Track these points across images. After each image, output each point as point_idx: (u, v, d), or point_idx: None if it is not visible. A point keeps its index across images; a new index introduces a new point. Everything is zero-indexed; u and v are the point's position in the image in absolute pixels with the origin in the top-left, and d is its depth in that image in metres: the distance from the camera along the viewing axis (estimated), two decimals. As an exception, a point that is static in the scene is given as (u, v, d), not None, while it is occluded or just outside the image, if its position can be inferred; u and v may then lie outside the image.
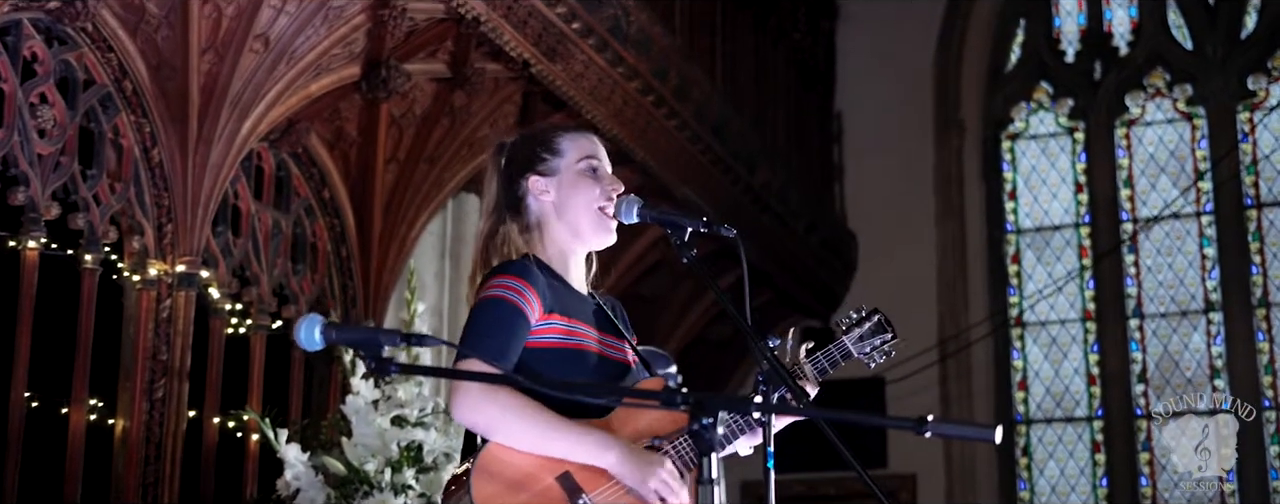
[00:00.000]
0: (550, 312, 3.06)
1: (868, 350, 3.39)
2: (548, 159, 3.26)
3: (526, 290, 3.03)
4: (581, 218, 3.22)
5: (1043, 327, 11.67)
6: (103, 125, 5.77)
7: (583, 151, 3.28)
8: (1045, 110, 12.12)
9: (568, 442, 2.92)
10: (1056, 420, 11.48)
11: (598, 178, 3.26)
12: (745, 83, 9.70)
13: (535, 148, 3.29)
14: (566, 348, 3.07)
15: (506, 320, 2.99)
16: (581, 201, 3.23)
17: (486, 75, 7.04)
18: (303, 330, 2.56)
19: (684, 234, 3.33)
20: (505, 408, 2.89)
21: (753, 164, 9.48)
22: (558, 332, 3.06)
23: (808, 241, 10.68)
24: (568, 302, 3.13)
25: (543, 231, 3.24)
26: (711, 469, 2.45)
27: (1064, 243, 11.78)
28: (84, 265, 5.68)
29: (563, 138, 3.31)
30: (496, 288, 3.03)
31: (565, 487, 2.94)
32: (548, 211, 3.23)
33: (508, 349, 2.98)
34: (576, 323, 3.10)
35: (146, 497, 5.69)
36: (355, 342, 2.59)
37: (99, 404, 5.74)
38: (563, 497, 2.93)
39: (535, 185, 3.24)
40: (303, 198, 6.98)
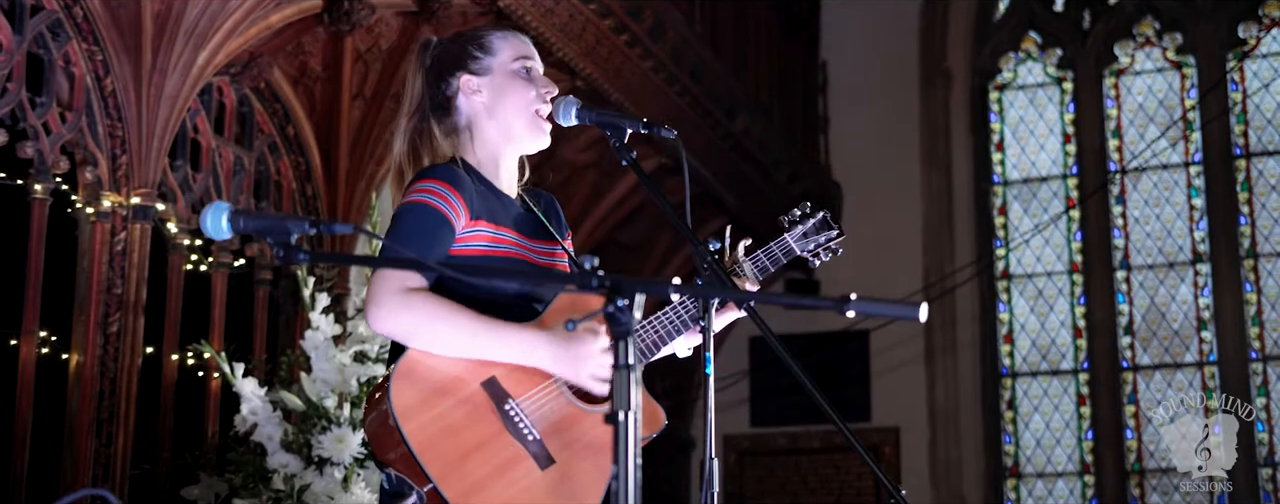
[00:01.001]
0: (476, 218, 2.93)
1: (812, 247, 3.28)
2: (480, 57, 3.14)
3: (452, 196, 2.90)
4: (515, 119, 3.10)
5: (1029, 279, 11.56)
6: (52, 53, 5.63)
7: (516, 52, 3.16)
8: (1033, 60, 11.98)
9: (490, 342, 2.80)
10: (1042, 373, 11.38)
11: (532, 79, 3.14)
12: (726, 28, 9.55)
13: (466, 45, 3.16)
14: (491, 256, 2.95)
15: (429, 226, 2.87)
16: (515, 102, 3.11)
17: (454, 9, 6.89)
18: (209, 217, 2.44)
19: (623, 135, 3.22)
20: (422, 311, 2.77)
21: (732, 110, 9.35)
22: (483, 239, 2.94)
23: (790, 191, 10.54)
24: (495, 208, 3.00)
25: (473, 133, 3.11)
26: (626, 355, 2.32)
27: (1051, 194, 11.65)
28: (34, 195, 5.54)
29: (494, 37, 3.19)
30: (421, 193, 2.90)
31: (491, 392, 2.82)
32: (479, 111, 3.11)
33: (429, 254, 2.85)
34: (503, 229, 2.98)
35: (101, 432, 5.57)
36: (262, 228, 2.47)
37: (52, 338, 5.62)
38: (488, 403, 2.81)
39: (467, 84, 3.11)
40: (267, 134, 6.84)
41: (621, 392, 2.35)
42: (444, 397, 2.78)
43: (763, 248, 3.33)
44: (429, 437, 2.73)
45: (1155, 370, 11.15)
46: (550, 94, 3.14)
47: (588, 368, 2.80)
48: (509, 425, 2.81)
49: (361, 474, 5.52)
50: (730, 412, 11.06)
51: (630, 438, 2.33)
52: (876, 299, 2.28)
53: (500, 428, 2.80)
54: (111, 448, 5.56)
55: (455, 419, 2.78)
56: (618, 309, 2.34)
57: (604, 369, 2.79)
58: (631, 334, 2.36)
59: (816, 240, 3.36)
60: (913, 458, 10.96)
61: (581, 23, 7.40)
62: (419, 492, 2.72)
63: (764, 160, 9.96)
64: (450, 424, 2.77)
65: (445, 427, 2.76)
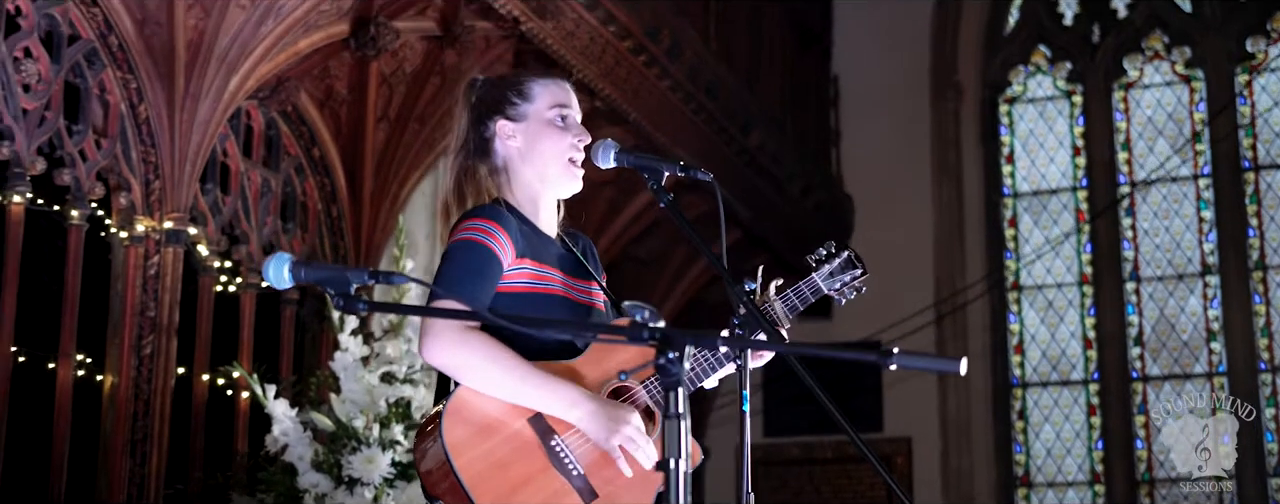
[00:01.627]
0: (521, 256, 3.05)
1: (838, 286, 3.37)
2: (518, 104, 3.24)
3: (500, 233, 3.02)
4: (549, 165, 3.20)
5: (1039, 290, 11.66)
6: (88, 81, 5.75)
7: (554, 99, 3.25)
8: (1043, 73, 12.07)
9: (536, 392, 2.92)
10: (1052, 384, 11.48)
11: (567, 126, 3.24)
12: (739, 44, 9.66)
13: (506, 91, 3.26)
14: (535, 293, 3.06)
15: (480, 264, 2.98)
16: (549, 149, 3.20)
17: (477, 33, 7.00)
18: (271, 268, 2.54)
19: (660, 178, 3.31)
20: (475, 352, 2.88)
21: (747, 126, 9.45)
22: (527, 276, 3.05)
23: (803, 205, 10.65)
24: (537, 246, 3.11)
25: (510, 175, 3.22)
26: (677, 404, 2.43)
27: (1061, 206, 11.75)
28: (70, 221, 5.67)
29: (535, 84, 3.28)
30: (470, 231, 3.02)
31: (537, 429, 2.93)
32: (514, 156, 3.21)
33: (480, 292, 2.96)
34: (545, 267, 3.09)
35: (135, 453, 5.69)
36: (323, 279, 2.58)
37: (87, 360, 5.74)
38: (535, 439, 2.92)
39: (502, 129, 3.21)
40: (293, 156, 6.96)
41: (673, 440, 2.46)
42: (493, 433, 2.89)
43: (792, 287, 3.42)
44: (479, 472, 2.84)
45: (1165, 381, 11.24)
46: (583, 142, 3.24)
47: (618, 437, 2.91)
48: (554, 461, 2.91)
49: (391, 494, 5.63)
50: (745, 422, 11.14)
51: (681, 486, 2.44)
52: (918, 353, 2.38)
53: (546, 463, 2.91)
54: (145, 468, 5.68)
55: (504, 455, 2.89)
56: (668, 361, 2.45)
57: (632, 442, 2.91)
58: (682, 385, 2.48)
59: (842, 279, 3.43)
60: (925, 468, 11.06)
61: (601, 45, 7.51)
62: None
63: (778, 174, 10.07)
64: (499, 460, 2.88)
65: (494, 462, 2.87)
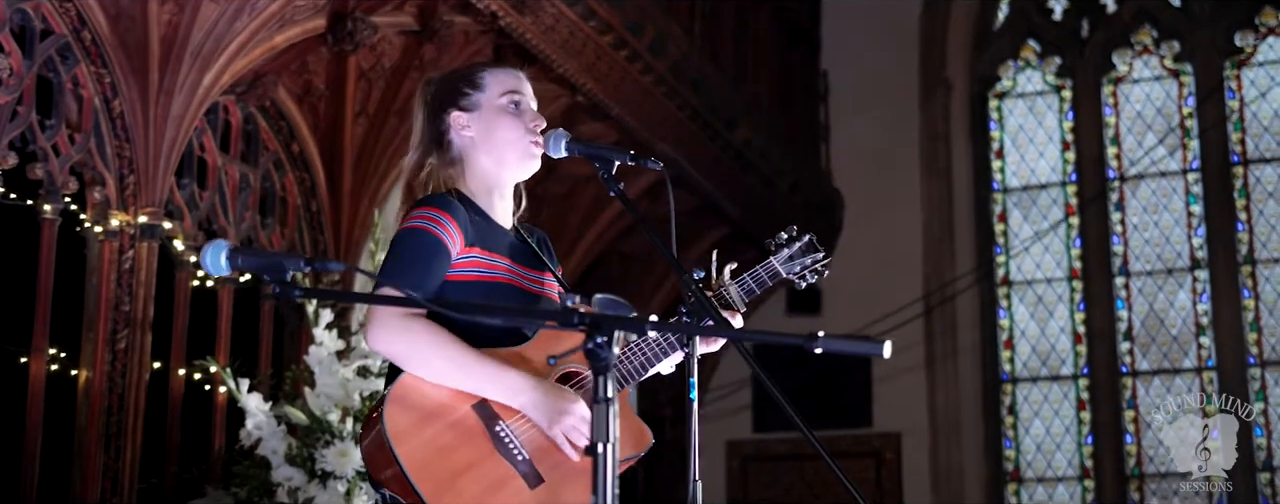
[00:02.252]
0: (471, 245, 3.07)
1: (798, 270, 3.38)
2: (470, 94, 3.27)
3: (447, 222, 3.04)
4: (505, 150, 3.23)
5: (1029, 285, 11.65)
6: (62, 76, 5.76)
7: (505, 86, 3.29)
8: (1032, 68, 12.06)
9: (481, 378, 2.93)
10: (1042, 379, 11.47)
11: (520, 112, 3.26)
12: (726, 39, 9.66)
13: (457, 83, 3.30)
14: (483, 281, 3.08)
15: (425, 251, 3.00)
16: (504, 135, 3.23)
17: (455, 28, 7.02)
18: (208, 255, 2.57)
19: (611, 167, 3.34)
20: (419, 339, 2.90)
21: (733, 122, 9.45)
22: (476, 265, 3.08)
23: (792, 201, 10.65)
24: (488, 235, 3.14)
25: (466, 166, 3.25)
26: (605, 389, 2.44)
27: (1050, 201, 11.74)
28: (43, 215, 5.68)
29: (485, 73, 3.32)
30: (417, 219, 3.05)
31: (482, 415, 2.94)
32: (469, 146, 3.24)
33: (426, 279, 2.99)
34: (494, 255, 3.11)
35: (109, 447, 5.70)
36: (259, 266, 2.59)
37: (62, 354, 5.75)
38: (479, 425, 2.93)
39: (456, 121, 3.25)
40: (272, 152, 6.97)
41: (601, 425, 2.47)
42: (436, 419, 2.91)
43: (749, 272, 3.45)
44: (421, 458, 2.85)
45: (1154, 376, 11.23)
46: (539, 126, 3.27)
47: (564, 423, 2.93)
48: (499, 446, 2.93)
49: (364, 487, 5.64)
50: (733, 417, 11.17)
51: (609, 470, 2.45)
52: (843, 337, 2.40)
53: (491, 449, 2.92)
54: (120, 462, 5.69)
55: (447, 441, 2.90)
56: (597, 346, 2.46)
57: (576, 430, 2.92)
58: (610, 370, 2.48)
59: (803, 262, 3.46)
60: (914, 463, 11.05)
61: (581, 39, 7.52)
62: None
63: (766, 170, 10.07)
64: (442, 446, 2.89)
65: (437, 448, 2.88)
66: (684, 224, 10.41)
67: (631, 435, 3.12)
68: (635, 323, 2.52)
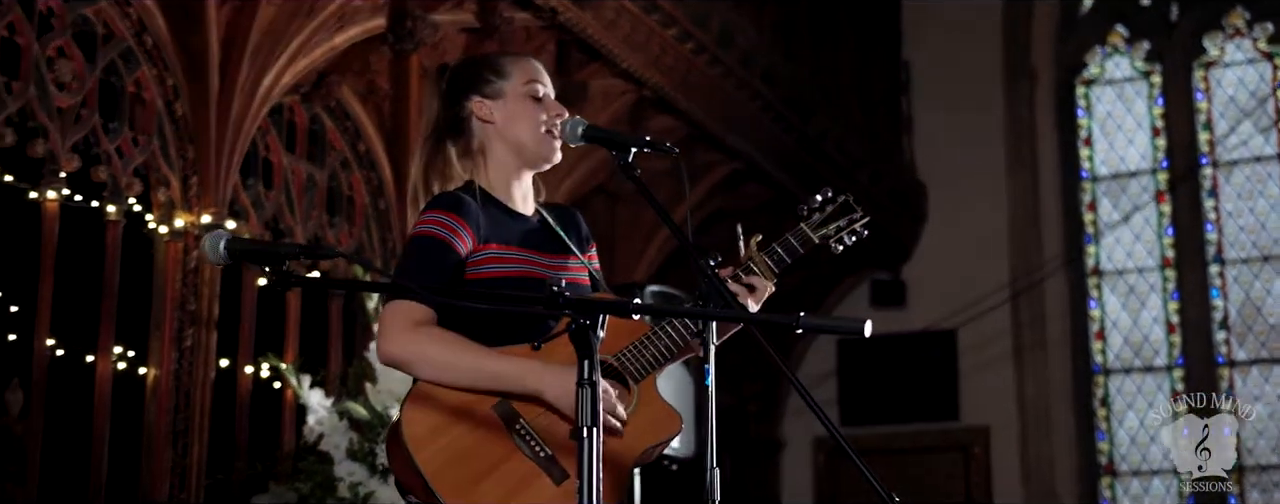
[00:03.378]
0: (486, 242, 3.03)
1: (834, 233, 3.20)
2: (493, 81, 3.24)
3: (456, 223, 3.00)
4: (526, 139, 3.20)
5: (1120, 275, 11.43)
6: (124, 79, 5.87)
7: (527, 75, 3.25)
8: (1120, 54, 11.83)
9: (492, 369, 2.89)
10: (1135, 370, 11.25)
11: (542, 102, 3.24)
12: (801, 30, 9.57)
13: (480, 70, 3.27)
14: (503, 276, 3.04)
15: (434, 256, 2.97)
16: (526, 124, 3.20)
17: (516, 24, 7.03)
18: (208, 245, 2.60)
19: (627, 154, 3.28)
20: (425, 343, 2.86)
21: (808, 112, 9.37)
22: (493, 261, 3.03)
23: (872, 193, 10.53)
24: (505, 228, 3.10)
25: (486, 155, 3.21)
26: (591, 372, 2.42)
27: (1140, 188, 11.51)
28: (108, 217, 5.79)
29: (507, 61, 3.30)
30: (426, 223, 3.02)
31: (501, 413, 2.90)
32: (491, 134, 3.21)
33: (439, 283, 2.96)
34: (510, 248, 3.07)
35: (176, 444, 5.80)
36: (257, 254, 2.62)
37: (130, 353, 5.85)
38: (499, 425, 2.89)
39: (479, 107, 3.21)
40: (338, 151, 7.04)
41: (587, 408, 2.45)
42: (456, 423, 2.86)
43: (778, 240, 3.29)
44: (441, 465, 2.81)
45: (1252, 366, 10.96)
46: (559, 117, 3.23)
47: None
48: (521, 444, 2.88)
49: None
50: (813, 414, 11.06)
51: (595, 453, 2.43)
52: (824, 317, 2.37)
53: (512, 447, 2.87)
54: (187, 459, 5.79)
55: (466, 445, 2.86)
56: (580, 328, 2.45)
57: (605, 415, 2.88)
58: (594, 353, 2.46)
59: (838, 224, 3.21)
60: (1004, 457, 10.88)
61: (645, 33, 7.50)
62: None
63: (844, 162, 9.97)
64: (461, 450, 2.85)
65: (456, 453, 2.84)
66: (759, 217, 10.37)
67: (659, 419, 3.06)
68: (618, 305, 2.49)
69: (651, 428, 3.04)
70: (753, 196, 9.45)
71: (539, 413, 2.92)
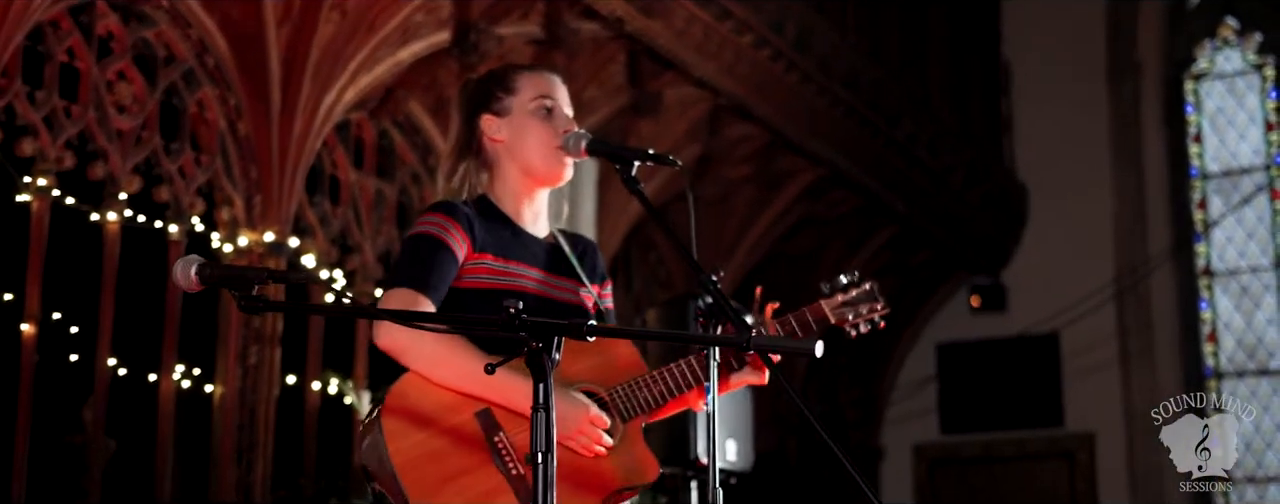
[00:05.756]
0: (482, 251, 3.00)
1: (851, 318, 3.11)
2: (501, 98, 3.20)
3: (451, 225, 2.98)
4: (532, 157, 3.15)
5: (1232, 275, 11.07)
6: (186, 100, 5.93)
7: (537, 91, 3.19)
8: (1231, 47, 11.47)
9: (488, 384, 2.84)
10: (1249, 373, 10.88)
11: (551, 118, 3.18)
12: (887, 33, 9.41)
13: (491, 87, 3.23)
14: (498, 288, 3.00)
15: (428, 253, 2.96)
16: (532, 141, 3.15)
17: (583, 35, 6.98)
18: (179, 270, 2.59)
19: (631, 167, 3.21)
20: (427, 339, 2.83)
21: (895, 116, 9.20)
22: (487, 271, 3.00)
23: (966, 196, 10.32)
24: (507, 243, 3.06)
25: (495, 171, 3.18)
26: (545, 397, 2.36)
27: (1253, 186, 11.13)
28: (170, 237, 5.85)
29: (520, 76, 3.24)
30: (420, 225, 3.01)
31: (483, 423, 2.86)
32: (500, 152, 3.17)
33: (431, 278, 2.93)
34: (511, 262, 3.03)
35: (241, 461, 5.84)
36: (226, 280, 2.60)
37: (195, 371, 5.91)
38: (478, 433, 2.85)
39: (488, 125, 3.18)
40: (408, 165, 7.06)
41: (540, 433, 2.39)
42: (434, 422, 2.83)
43: (793, 312, 3.20)
44: (412, 459, 2.78)
45: (1373, 367, 10.56)
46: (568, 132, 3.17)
47: (572, 430, 2.83)
48: (495, 457, 2.84)
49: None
50: (919, 419, 10.90)
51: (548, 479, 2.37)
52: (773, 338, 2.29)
53: (486, 459, 2.84)
54: (251, 475, 5.83)
55: (441, 446, 2.83)
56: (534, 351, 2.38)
57: (586, 438, 2.83)
58: (549, 377, 2.40)
59: (858, 310, 3.12)
60: (1110, 464, 10.59)
61: (717, 41, 7.41)
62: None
63: (935, 166, 9.78)
64: (436, 449, 2.82)
65: (430, 451, 2.81)
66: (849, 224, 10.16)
67: (634, 465, 2.98)
68: (574, 328, 2.42)
69: (627, 470, 2.95)
70: (840, 203, 9.30)
71: (520, 429, 2.86)
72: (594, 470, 2.90)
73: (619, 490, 2.88)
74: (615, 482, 2.87)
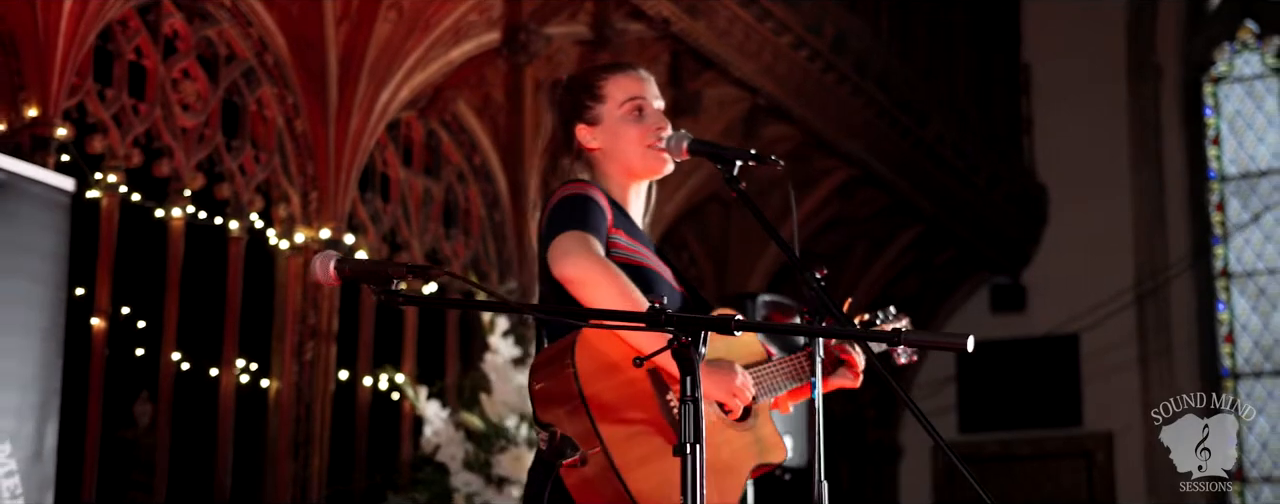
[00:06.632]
0: (617, 227, 3.09)
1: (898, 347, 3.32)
2: (591, 106, 3.27)
3: (595, 193, 3.07)
4: (631, 158, 3.23)
5: (1249, 277, 11.17)
6: (246, 98, 6.00)
7: (627, 93, 3.26)
8: (1250, 50, 11.57)
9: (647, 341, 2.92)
10: (1266, 374, 10.98)
11: (643, 117, 3.25)
12: (917, 35, 9.50)
13: (579, 95, 3.29)
14: (634, 265, 3.08)
15: (582, 206, 3.02)
16: (629, 145, 3.23)
17: (630, 35, 7.06)
18: (317, 264, 2.65)
19: (733, 167, 3.29)
20: (615, 277, 2.89)
21: (924, 117, 9.29)
22: (623, 248, 3.09)
23: (990, 196, 10.41)
24: (631, 228, 3.16)
25: (597, 171, 3.26)
26: (691, 388, 2.43)
27: (1272, 188, 11.23)
28: (231, 233, 5.91)
29: (607, 82, 3.30)
30: (567, 190, 3.08)
31: (654, 381, 2.94)
32: (598, 157, 3.25)
33: (596, 226, 2.99)
34: (639, 244, 3.13)
35: (298, 455, 5.91)
36: (365, 274, 2.66)
37: (252, 367, 5.97)
38: (651, 392, 2.93)
39: (583, 135, 3.25)
40: (454, 164, 7.13)
41: (689, 424, 2.46)
42: (619, 372, 2.90)
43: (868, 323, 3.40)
44: (606, 402, 2.84)
45: (1388, 369, 10.67)
46: (664, 130, 3.25)
47: (719, 389, 2.92)
48: (666, 414, 2.92)
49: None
50: (937, 418, 10.97)
51: (698, 469, 2.44)
52: (926, 333, 2.37)
53: (659, 414, 2.91)
54: (308, 470, 5.90)
55: (629, 393, 2.89)
56: (682, 345, 2.45)
57: (730, 396, 2.93)
58: (696, 371, 2.47)
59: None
60: (1128, 464, 10.68)
61: (758, 42, 7.49)
62: (585, 453, 2.80)
63: (961, 166, 9.87)
64: (625, 396, 2.88)
65: (621, 397, 2.87)
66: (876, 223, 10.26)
67: (765, 445, 3.10)
68: (720, 323, 2.49)
69: (759, 448, 3.07)
70: (868, 202, 9.40)
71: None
72: (734, 450, 2.99)
73: (756, 467, 2.97)
74: (753, 458, 2.97)
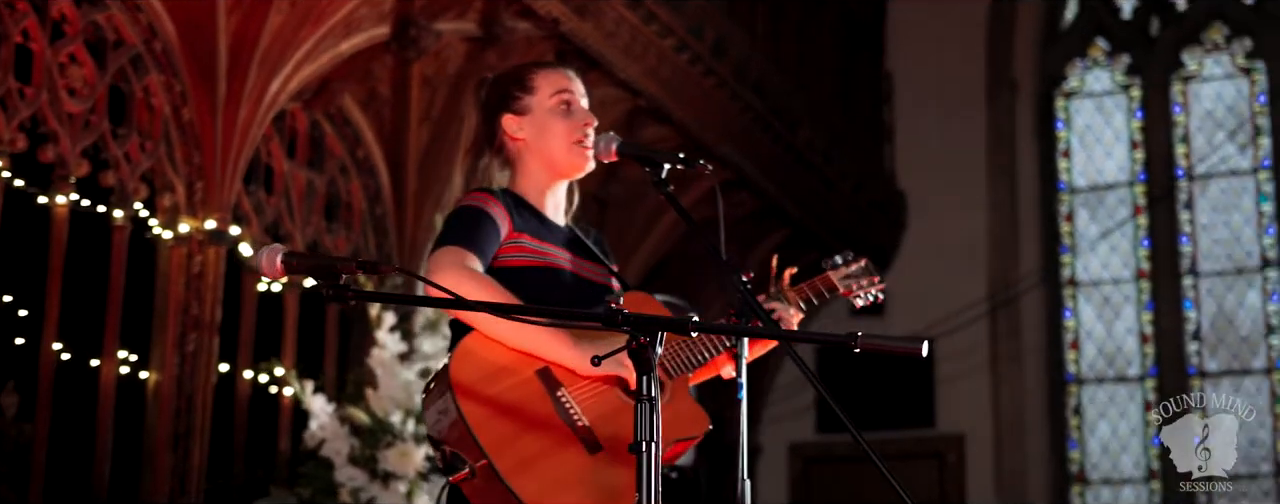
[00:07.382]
0: (520, 232, 3.13)
1: (855, 288, 3.45)
2: (520, 97, 3.31)
3: (492, 203, 3.12)
4: (555, 152, 3.27)
5: (1095, 286, 11.58)
6: (134, 85, 5.89)
7: (555, 87, 3.31)
8: (1101, 67, 11.98)
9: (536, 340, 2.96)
10: (1108, 380, 11.40)
11: (571, 113, 3.30)
12: (788, 40, 9.67)
13: (508, 86, 3.34)
14: (535, 266, 3.14)
15: (472, 220, 3.08)
16: (554, 137, 3.28)
17: (518, 34, 7.08)
18: (263, 259, 2.64)
19: (661, 170, 3.37)
20: (482, 289, 2.92)
21: (795, 123, 9.47)
22: (526, 251, 3.13)
23: (855, 202, 10.65)
24: (538, 228, 3.20)
25: (518, 168, 3.30)
26: (649, 387, 2.49)
27: (1118, 201, 11.66)
28: (114, 222, 5.81)
29: (536, 75, 3.35)
30: (464, 201, 3.14)
31: (544, 380, 2.98)
32: (522, 149, 3.29)
33: (476, 237, 3.04)
34: (546, 244, 3.17)
35: (178, 448, 5.83)
36: (312, 269, 2.65)
37: (133, 358, 5.88)
38: (541, 388, 2.97)
39: (508, 124, 3.29)
40: (337, 157, 7.08)
41: (645, 424, 2.52)
42: (499, 379, 2.95)
43: (806, 281, 3.48)
44: (485, 414, 2.90)
45: (1223, 377, 11.13)
46: (590, 127, 3.30)
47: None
48: (560, 411, 2.97)
49: (425, 487, 5.74)
50: (796, 419, 11.18)
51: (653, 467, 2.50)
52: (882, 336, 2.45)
53: (552, 412, 2.96)
54: (187, 463, 5.82)
55: (510, 400, 2.94)
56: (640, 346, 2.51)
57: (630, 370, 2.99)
58: (653, 370, 2.53)
59: (860, 282, 3.49)
60: (978, 465, 11.01)
61: (643, 44, 7.57)
62: (472, 466, 2.86)
63: (828, 172, 10.07)
64: (505, 404, 2.93)
65: (500, 406, 2.93)
66: (746, 226, 10.43)
67: (684, 418, 3.16)
68: (678, 323, 2.56)
69: (678, 423, 3.12)
70: (740, 205, 9.53)
71: (582, 385, 2.99)
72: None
73: (673, 441, 3.04)
74: (670, 433, 3.01)
